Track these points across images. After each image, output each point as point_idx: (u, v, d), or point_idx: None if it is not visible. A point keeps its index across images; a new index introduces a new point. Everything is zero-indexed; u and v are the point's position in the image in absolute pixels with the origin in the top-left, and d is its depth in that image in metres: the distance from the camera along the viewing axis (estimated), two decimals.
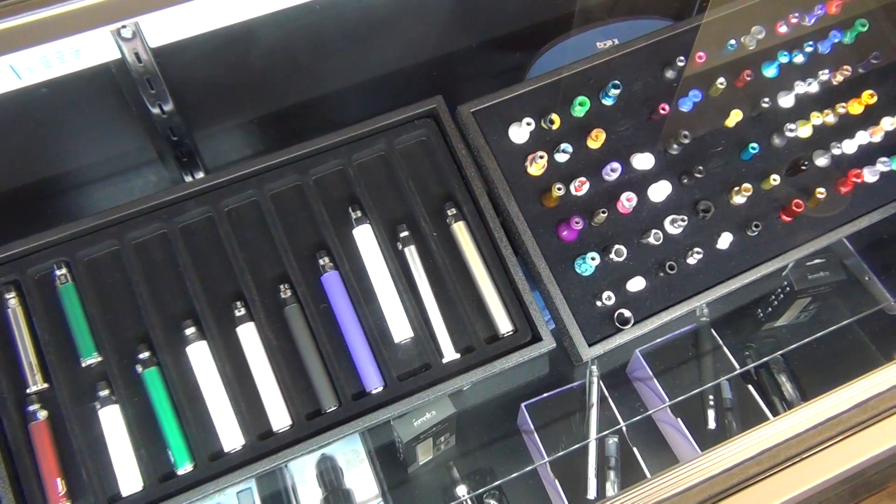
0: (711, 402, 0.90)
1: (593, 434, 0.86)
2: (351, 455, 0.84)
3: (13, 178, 0.90)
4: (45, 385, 0.75)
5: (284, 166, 0.83)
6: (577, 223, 0.81)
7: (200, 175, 0.95)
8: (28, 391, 0.74)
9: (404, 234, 0.82)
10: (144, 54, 0.74)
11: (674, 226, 0.83)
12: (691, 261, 0.82)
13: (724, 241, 0.83)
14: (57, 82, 0.72)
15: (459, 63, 1.03)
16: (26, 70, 0.70)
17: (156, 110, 0.83)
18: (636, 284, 0.81)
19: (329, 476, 0.82)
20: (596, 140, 0.85)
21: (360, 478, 0.83)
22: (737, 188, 0.85)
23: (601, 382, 0.88)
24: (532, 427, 0.88)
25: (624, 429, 0.87)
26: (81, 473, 0.73)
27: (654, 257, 0.83)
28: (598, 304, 0.81)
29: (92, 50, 0.71)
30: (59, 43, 0.69)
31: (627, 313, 0.80)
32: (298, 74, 0.94)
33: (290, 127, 1.01)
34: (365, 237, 0.81)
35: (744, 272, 0.83)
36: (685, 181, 0.86)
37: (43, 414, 0.74)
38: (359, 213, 0.82)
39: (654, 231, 0.82)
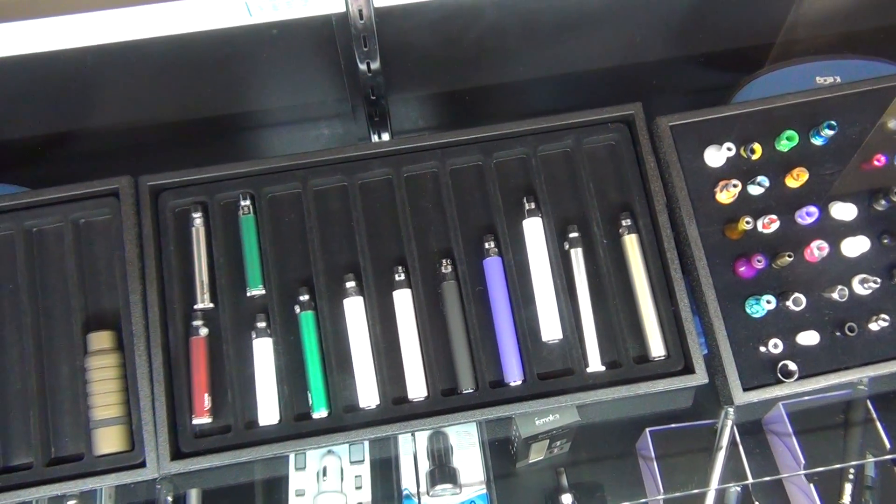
0: (851, 476, 0.84)
1: (716, 481, 0.82)
2: (464, 437, 0.85)
3: (221, 106, 0.96)
4: (211, 305, 0.79)
5: (469, 144, 0.83)
6: (758, 261, 0.77)
7: (385, 136, 0.97)
8: (195, 307, 0.79)
9: (573, 234, 0.81)
10: (367, 11, 0.76)
11: (863, 286, 0.78)
12: (874, 326, 0.77)
13: None
14: (283, 25, 0.75)
15: (662, 72, 1.00)
16: (257, 9, 0.73)
17: (363, 67, 0.85)
18: (808, 338, 0.76)
19: (440, 452, 0.83)
20: (796, 179, 0.80)
21: (468, 461, 0.83)
22: None
23: (735, 428, 0.85)
24: (653, 455, 0.86)
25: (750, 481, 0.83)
26: (227, 394, 0.77)
27: (835, 314, 0.78)
28: (762, 349, 0.77)
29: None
30: None
31: (793, 366, 0.75)
32: (503, 57, 0.94)
33: (477, 106, 1.01)
34: (534, 230, 0.81)
35: None
36: (886, 241, 0.79)
37: (204, 331, 0.78)
38: (532, 205, 0.81)
39: (839, 287, 0.77)
